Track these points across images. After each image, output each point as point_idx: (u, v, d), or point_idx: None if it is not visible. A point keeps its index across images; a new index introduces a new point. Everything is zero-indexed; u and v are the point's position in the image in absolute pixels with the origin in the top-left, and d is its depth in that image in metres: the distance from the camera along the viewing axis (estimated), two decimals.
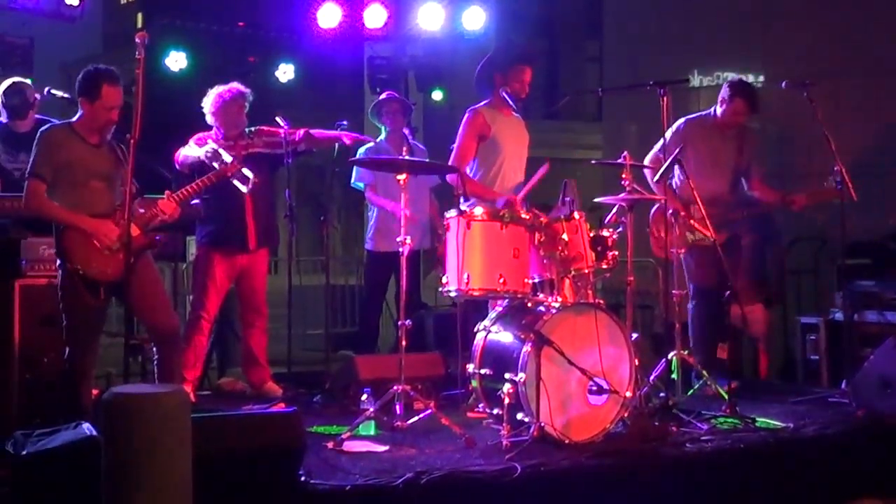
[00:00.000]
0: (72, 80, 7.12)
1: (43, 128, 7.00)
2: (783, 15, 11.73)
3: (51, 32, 12.34)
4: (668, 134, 8.52)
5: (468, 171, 7.85)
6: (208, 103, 8.57)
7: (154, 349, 7.20)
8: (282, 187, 8.79)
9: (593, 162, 8.81)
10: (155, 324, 7.08)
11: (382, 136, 9.71)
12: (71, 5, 11.11)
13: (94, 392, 7.12)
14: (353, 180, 9.83)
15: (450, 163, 7.85)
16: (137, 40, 6.50)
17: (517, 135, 8.12)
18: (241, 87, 8.65)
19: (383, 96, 10.05)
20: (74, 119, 7.00)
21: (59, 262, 6.86)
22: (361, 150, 9.16)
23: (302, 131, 8.62)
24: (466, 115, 7.96)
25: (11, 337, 7.26)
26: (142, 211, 7.02)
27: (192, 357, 8.40)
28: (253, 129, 8.62)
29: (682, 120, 8.85)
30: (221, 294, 8.59)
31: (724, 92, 8.79)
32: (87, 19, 11.66)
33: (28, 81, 8.74)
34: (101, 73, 6.94)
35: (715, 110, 8.86)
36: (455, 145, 7.92)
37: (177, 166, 8.33)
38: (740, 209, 8.76)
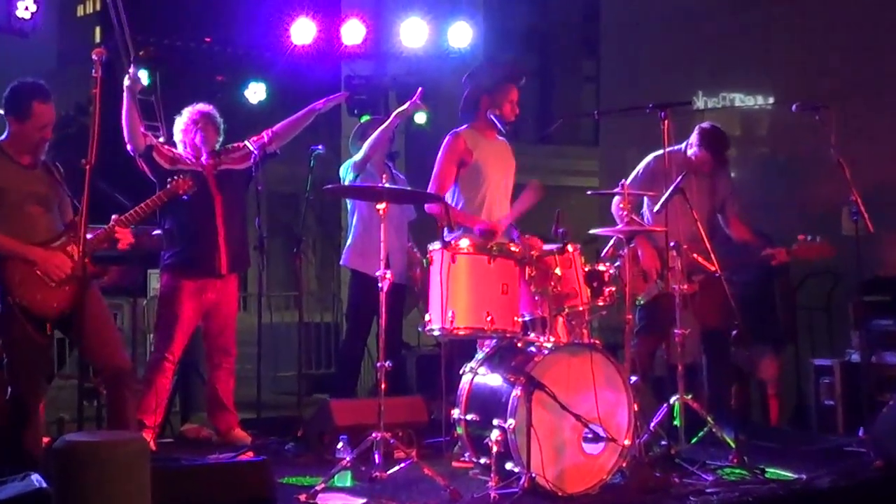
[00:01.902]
0: None
1: None
2: (793, 34, 11.78)
3: (1, 47, 12.35)
4: (640, 168, 8.74)
5: (449, 200, 7.86)
6: (179, 124, 8.64)
7: (105, 391, 7.10)
8: (252, 214, 8.79)
9: (589, 193, 8.81)
10: (105, 362, 6.94)
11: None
12: (22, 18, 11.11)
13: (45, 440, 7.07)
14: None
15: (427, 190, 7.87)
16: (94, 57, 6.41)
17: (502, 161, 8.14)
18: (209, 108, 8.72)
19: (366, 119, 10.05)
20: (1, 139, 6.93)
21: None
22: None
23: (266, 132, 8.76)
24: (446, 139, 8.00)
25: None
26: (88, 237, 6.84)
27: (154, 401, 8.36)
28: (219, 148, 8.68)
29: (651, 156, 8.89)
30: (188, 333, 8.57)
31: (694, 137, 8.83)
32: (40, 33, 11.65)
33: None
34: (31, 89, 6.88)
35: (686, 148, 8.90)
36: (434, 171, 7.94)
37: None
38: (731, 257, 8.73)
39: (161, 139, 8.47)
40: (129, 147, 8.41)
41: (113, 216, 7.06)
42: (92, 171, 6.25)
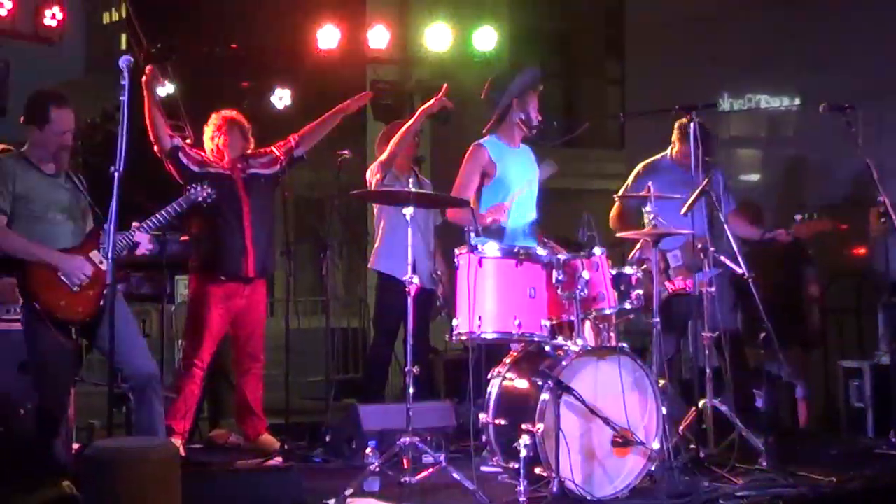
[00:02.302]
0: None
1: None
2: (821, 33, 11.73)
3: (28, 55, 12.40)
4: (630, 179, 8.86)
5: None
6: (207, 131, 8.69)
7: (133, 397, 7.10)
8: (278, 220, 8.83)
9: (616, 196, 8.82)
10: (132, 368, 6.96)
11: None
12: (49, 26, 11.17)
13: (75, 446, 7.10)
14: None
15: None
16: (122, 64, 6.40)
17: (526, 169, 8.12)
18: (235, 114, 8.79)
19: (395, 122, 10.06)
20: (24, 148, 6.97)
21: (22, 301, 6.82)
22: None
23: (293, 136, 8.86)
24: (470, 150, 7.98)
25: None
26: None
27: (183, 407, 8.40)
28: (247, 152, 8.73)
29: (640, 164, 8.91)
30: (216, 340, 8.60)
31: (675, 135, 8.84)
32: (67, 41, 11.71)
33: None
34: (48, 96, 6.95)
35: (670, 151, 8.91)
36: (456, 182, 7.93)
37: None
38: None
39: (188, 140, 8.50)
40: (155, 148, 8.47)
41: (133, 223, 7.07)
42: (121, 178, 6.25)
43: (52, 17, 11.30)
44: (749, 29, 12.20)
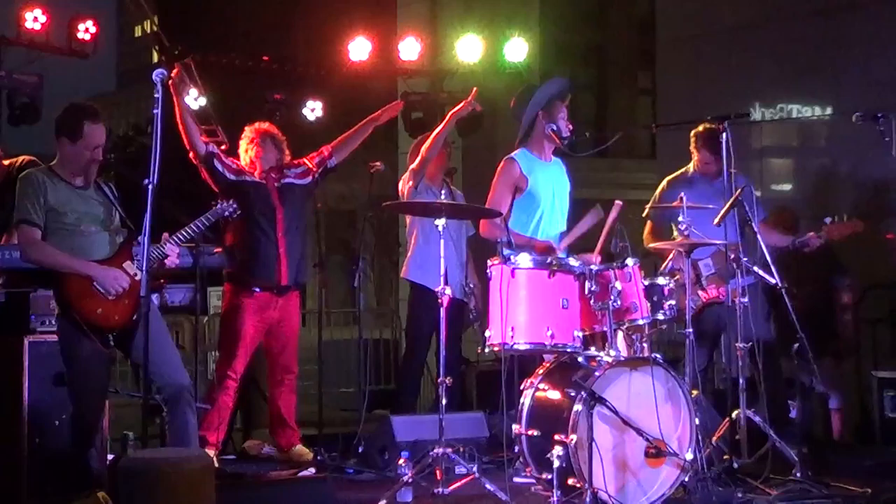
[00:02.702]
0: None
1: (22, 173, 6.97)
2: (854, 43, 11.69)
3: (62, 69, 12.48)
4: (656, 194, 8.87)
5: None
6: (242, 144, 8.77)
7: (166, 408, 7.05)
8: (311, 234, 8.85)
9: (648, 207, 8.82)
10: (166, 379, 6.92)
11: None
12: (82, 40, 11.25)
13: (110, 457, 7.12)
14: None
15: None
16: (155, 78, 6.44)
17: (557, 183, 8.11)
18: (269, 126, 8.87)
19: (425, 134, 10.08)
20: (53, 162, 6.96)
21: (57, 311, 6.84)
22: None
23: (325, 147, 8.90)
24: (501, 164, 7.96)
25: (20, 398, 7.24)
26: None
27: (216, 419, 8.42)
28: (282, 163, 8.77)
29: (664, 181, 8.92)
30: (250, 351, 8.62)
31: (691, 145, 8.85)
32: (99, 54, 11.78)
33: None
34: (81, 110, 6.92)
35: (692, 164, 8.92)
36: (489, 196, 7.92)
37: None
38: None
39: (223, 147, 8.55)
40: (190, 155, 8.51)
41: (164, 234, 7.03)
42: (154, 191, 6.27)
43: (86, 30, 11.39)
44: (780, 38, 12.16)
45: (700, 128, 8.73)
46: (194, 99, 12.61)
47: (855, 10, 11.55)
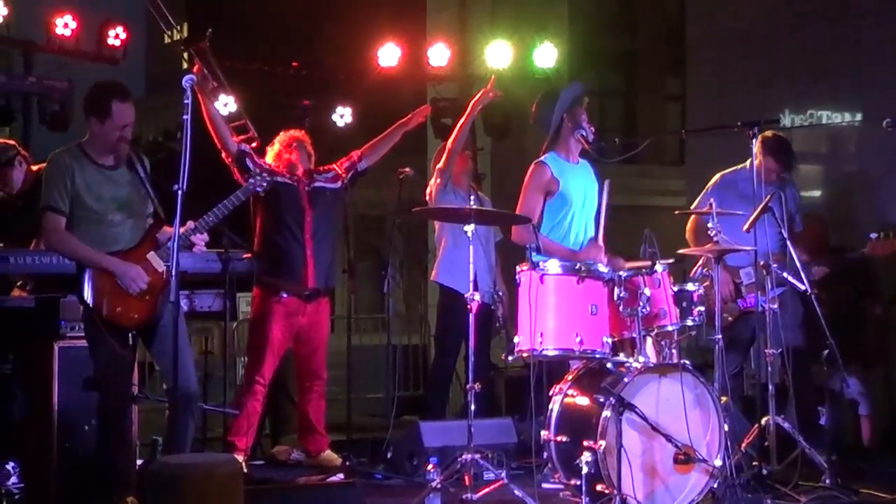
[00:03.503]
0: None
1: (51, 154, 6.89)
2: (884, 48, 11.63)
3: (92, 75, 12.53)
4: (709, 187, 8.79)
5: None
6: (271, 152, 8.83)
7: (169, 411, 6.89)
8: (341, 239, 8.86)
9: (677, 213, 8.79)
10: (177, 382, 6.67)
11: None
12: (112, 46, 11.29)
13: (139, 462, 7.13)
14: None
15: None
16: (185, 84, 6.44)
17: (587, 184, 8.08)
18: (301, 134, 8.94)
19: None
20: (84, 139, 6.88)
21: (81, 307, 6.83)
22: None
23: (354, 153, 8.96)
24: (532, 168, 7.92)
25: (50, 403, 7.26)
26: (162, 239, 6.86)
27: (245, 424, 8.43)
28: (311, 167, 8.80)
29: (718, 175, 8.88)
30: (279, 356, 8.64)
31: (758, 148, 8.78)
32: (129, 60, 11.82)
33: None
34: (110, 88, 6.81)
35: (750, 164, 8.86)
36: (519, 201, 7.89)
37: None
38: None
39: (254, 144, 8.54)
40: (222, 155, 8.51)
41: (189, 222, 6.85)
42: (184, 197, 6.26)
43: (116, 36, 11.43)
44: (811, 44, 12.11)
45: (769, 133, 8.69)
46: (223, 105, 12.63)
47: (886, 15, 11.50)
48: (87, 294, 6.72)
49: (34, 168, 8.42)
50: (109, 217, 6.78)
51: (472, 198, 7.30)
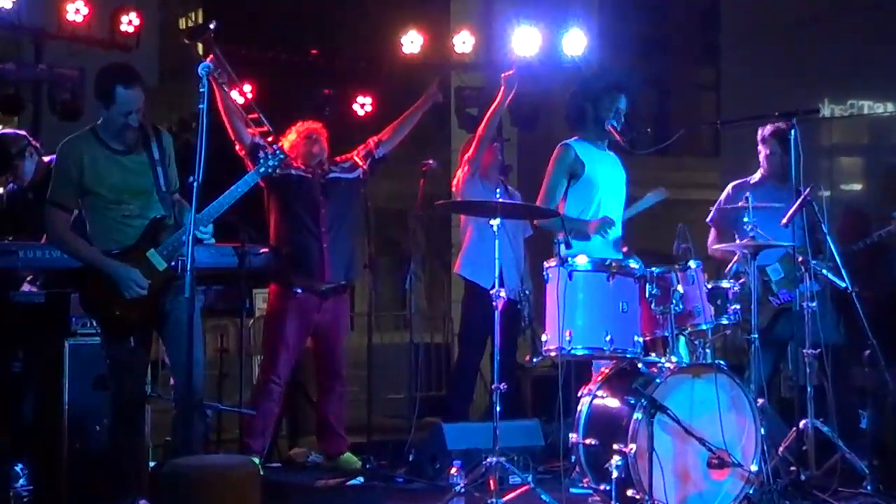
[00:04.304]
0: None
1: (63, 141, 6.86)
2: None
3: (104, 63, 12.53)
4: (722, 197, 8.85)
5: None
6: (287, 143, 8.76)
7: (175, 411, 6.88)
8: (361, 233, 8.85)
9: (711, 212, 8.78)
10: (184, 381, 6.68)
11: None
12: (125, 33, 11.29)
13: (152, 464, 7.15)
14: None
15: (537, 202, 7.84)
16: (200, 71, 6.44)
17: (615, 172, 8.06)
18: (319, 125, 8.92)
19: None
20: (98, 122, 6.85)
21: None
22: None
23: (371, 139, 8.98)
24: (557, 150, 7.92)
25: (60, 402, 7.28)
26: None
27: (261, 425, 8.44)
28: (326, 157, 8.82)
29: (729, 186, 8.88)
30: (295, 355, 8.64)
31: (760, 142, 8.78)
32: (142, 47, 11.82)
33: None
34: (114, 72, 6.79)
35: (759, 168, 8.85)
36: (543, 184, 7.89)
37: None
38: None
39: (269, 138, 8.53)
40: (236, 148, 8.51)
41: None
42: (199, 189, 6.24)
43: (129, 23, 11.41)
44: (851, 31, 12.06)
45: (767, 126, 8.68)
46: (238, 94, 12.64)
47: None
48: (86, 295, 6.74)
49: (45, 159, 8.43)
50: (125, 206, 6.76)
51: (498, 190, 7.26)
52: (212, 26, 8.59)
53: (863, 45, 12.04)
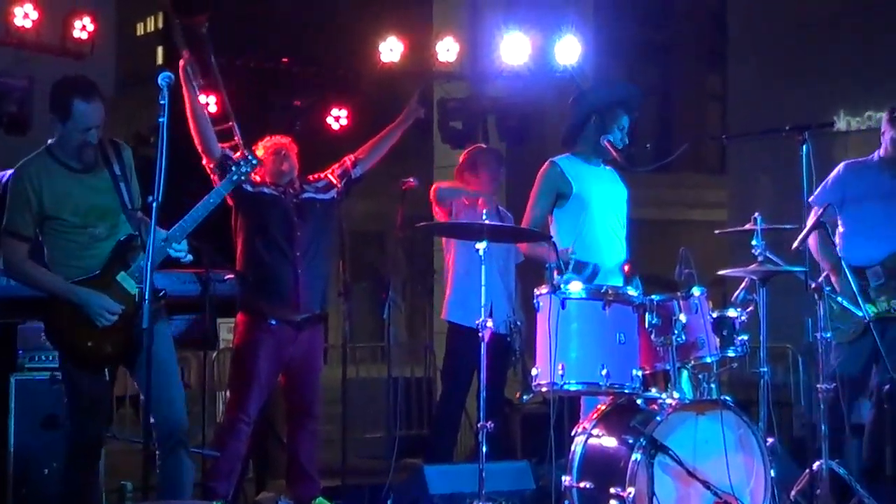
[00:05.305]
0: None
1: (16, 167, 6.81)
2: None
3: (55, 72, 12.52)
4: (829, 180, 8.67)
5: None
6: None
7: (157, 452, 6.83)
8: (335, 257, 8.86)
9: (717, 232, 8.78)
10: (160, 417, 6.71)
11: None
12: (79, 39, 11.28)
13: None
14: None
15: (521, 226, 7.84)
16: (160, 81, 6.42)
17: (612, 188, 8.03)
18: (287, 140, 8.88)
19: (481, 146, 10.12)
20: (52, 140, 6.82)
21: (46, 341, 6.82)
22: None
23: (348, 157, 8.94)
24: (543, 167, 7.90)
25: (5, 443, 7.26)
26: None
27: (227, 467, 8.42)
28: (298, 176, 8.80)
29: (842, 164, 8.79)
30: (265, 392, 8.62)
31: (884, 124, 8.71)
32: (98, 54, 11.81)
33: None
34: (71, 85, 6.75)
35: (878, 153, 8.77)
36: (528, 205, 7.87)
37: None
38: None
39: (237, 154, 8.48)
40: (203, 161, 8.44)
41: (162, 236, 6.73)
42: (159, 209, 6.22)
43: (83, 28, 11.39)
44: (867, 37, 12.11)
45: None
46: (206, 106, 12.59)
47: None
48: (53, 326, 6.71)
49: None
50: (90, 229, 6.74)
51: (485, 211, 7.22)
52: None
53: (880, 53, 12.10)
